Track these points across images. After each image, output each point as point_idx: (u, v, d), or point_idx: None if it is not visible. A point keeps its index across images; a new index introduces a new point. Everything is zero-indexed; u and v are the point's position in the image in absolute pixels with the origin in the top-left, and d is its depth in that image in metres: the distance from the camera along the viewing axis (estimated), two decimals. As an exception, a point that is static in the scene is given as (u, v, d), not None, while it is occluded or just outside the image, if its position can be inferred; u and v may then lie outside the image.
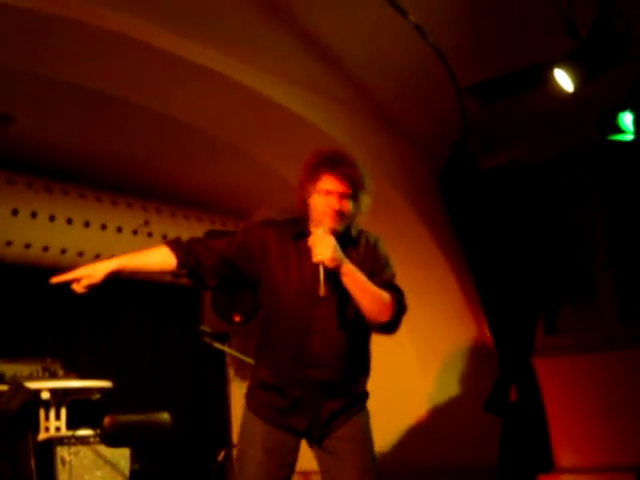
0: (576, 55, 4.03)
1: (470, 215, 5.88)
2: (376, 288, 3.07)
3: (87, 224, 5.84)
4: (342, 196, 3.12)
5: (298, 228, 3.25)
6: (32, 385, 4.93)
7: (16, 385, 4.76)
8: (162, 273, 3.30)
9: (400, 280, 3.21)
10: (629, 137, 4.53)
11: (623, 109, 4.48)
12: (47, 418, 5.09)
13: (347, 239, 3.19)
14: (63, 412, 5.17)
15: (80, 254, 5.86)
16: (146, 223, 6.20)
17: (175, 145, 5.73)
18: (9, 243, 5.54)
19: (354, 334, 3.17)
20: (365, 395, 3.29)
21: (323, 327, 3.13)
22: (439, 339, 6.18)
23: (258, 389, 3.28)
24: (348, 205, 3.13)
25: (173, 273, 3.26)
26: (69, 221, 5.73)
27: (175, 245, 3.22)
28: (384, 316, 3.07)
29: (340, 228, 3.13)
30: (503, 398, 5.73)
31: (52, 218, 5.63)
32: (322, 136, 5.19)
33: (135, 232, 6.15)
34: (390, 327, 3.12)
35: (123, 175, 6.16)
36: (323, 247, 2.96)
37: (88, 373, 5.53)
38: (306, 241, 3.08)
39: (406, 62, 4.75)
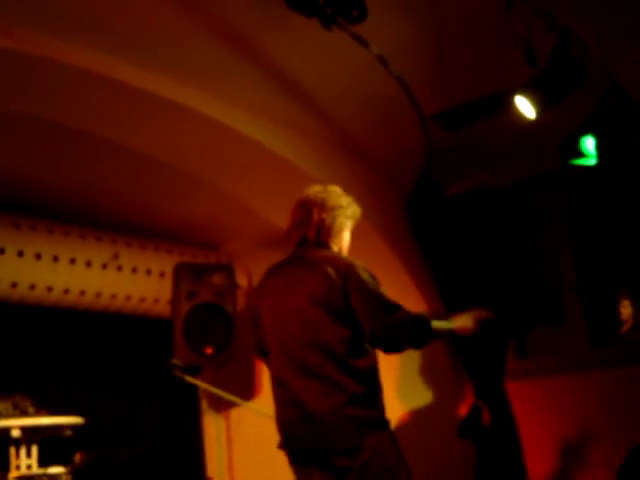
0: (536, 82, 4.10)
1: (438, 242, 5.92)
2: None
3: (56, 259, 5.82)
4: None
5: None
6: (2, 423, 4.88)
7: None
8: None
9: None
10: (591, 161, 4.61)
11: (585, 134, 4.55)
12: (18, 456, 5.03)
13: None
14: (34, 450, 5.11)
15: (49, 289, 5.83)
16: (115, 256, 6.18)
17: (144, 178, 5.73)
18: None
19: None
20: None
21: None
22: (408, 365, 6.18)
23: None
24: None
25: None
26: (37, 256, 5.70)
27: None
28: None
29: None
30: (477, 424, 5.74)
31: (20, 254, 5.61)
32: (289, 167, 5.22)
33: (105, 266, 6.13)
34: None
35: (92, 209, 6.15)
36: None
37: (59, 409, 5.48)
38: None
39: (370, 92, 4.79)
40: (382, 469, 3.22)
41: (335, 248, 3.55)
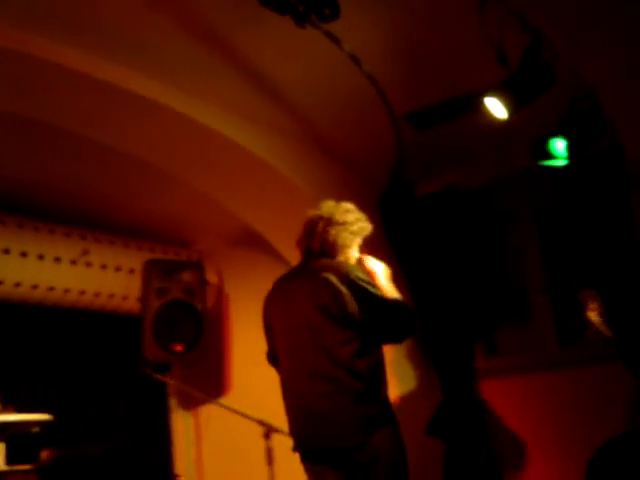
0: (508, 83, 4.13)
1: (408, 241, 5.95)
2: None
3: (24, 254, 5.77)
4: None
5: None
6: (-32, 420, 4.84)
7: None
8: None
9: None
10: (561, 162, 4.65)
11: (555, 135, 4.59)
12: (-15, 453, 5.00)
13: None
14: (1, 447, 5.07)
15: (17, 285, 5.78)
16: (85, 252, 6.14)
17: (115, 174, 5.70)
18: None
19: None
20: None
21: None
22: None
23: None
24: None
25: None
26: (6, 251, 5.65)
27: None
28: None
29: None
30: (445, 422, 5.76)
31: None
32: (263, 166, 5.22)
33: (74, 262, 6.09)
34: None
35: (62, 204, 6.10)
36: None
37: (27, 406, 5.44)
38: None
39: (343, 91, 4.81)
40: (385, 467, 3.39)
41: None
